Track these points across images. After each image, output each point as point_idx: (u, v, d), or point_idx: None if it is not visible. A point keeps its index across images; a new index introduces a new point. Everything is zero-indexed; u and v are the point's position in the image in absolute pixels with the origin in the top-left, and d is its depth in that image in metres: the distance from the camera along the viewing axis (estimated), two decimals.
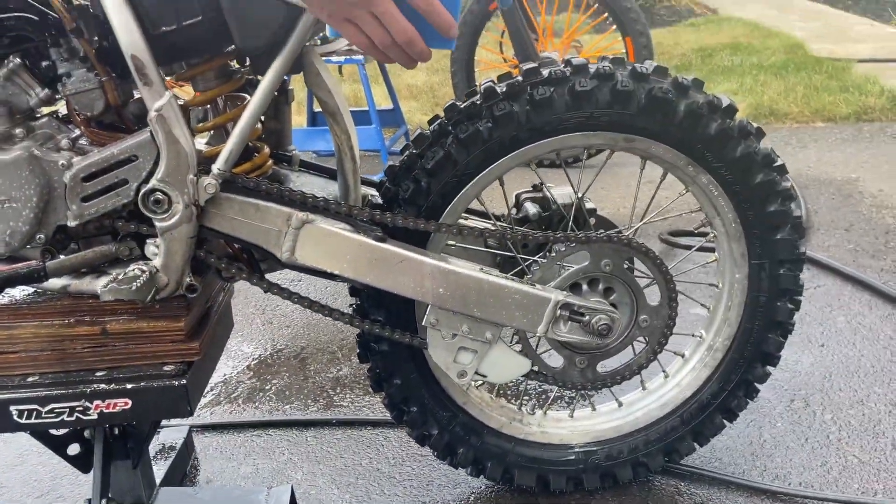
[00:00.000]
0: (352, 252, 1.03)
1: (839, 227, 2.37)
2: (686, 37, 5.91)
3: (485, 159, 1.12)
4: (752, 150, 1.13)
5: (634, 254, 1.17)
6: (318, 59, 1.05)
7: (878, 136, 3.30)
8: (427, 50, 0.86)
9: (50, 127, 0.96)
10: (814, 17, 6.81)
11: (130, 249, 0.98)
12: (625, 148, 1.16)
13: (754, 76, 4.27)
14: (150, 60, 0.90)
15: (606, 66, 1.10)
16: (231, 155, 0.97)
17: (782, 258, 1.20)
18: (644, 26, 3.00)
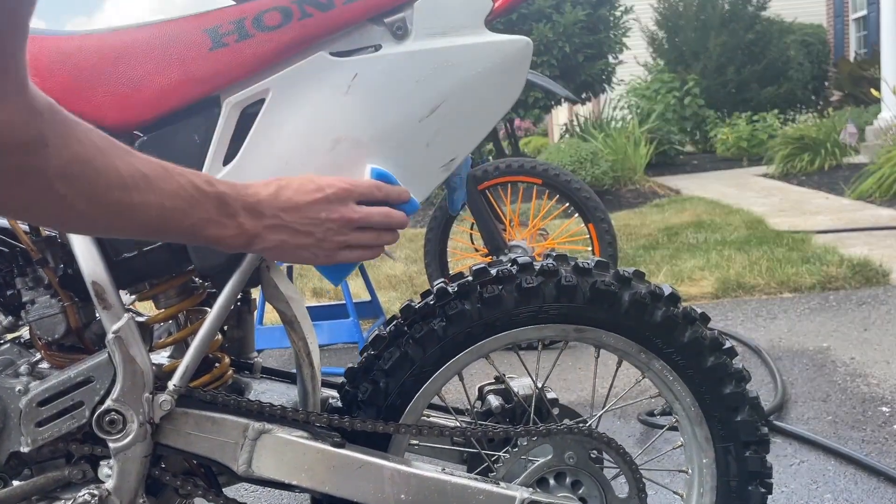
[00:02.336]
0: (309, 460, 1.02)
1: (816, 399, 2.37)
2: (652, 217, 6.20)
3: (441, 356, 1.14)
4: (699, 335, 1.17)
5: (597, 444, 1.17)
6: (275, 272, 1.10)
7: (845, 304, 3.39)
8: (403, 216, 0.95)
9: (11, 353, 0.99)
10: (771, 193, 7.22)
11: (83, 472, 0.97)
12: (577, 338, 1.19)
13: (719, 251, 4.44)
14: (111, 286, 0.95)
15: (550, 263, 1.16)
16: (188, 370, 0.99)
17: (746, 440, 1.20)
18: (604, 212, 3.17)
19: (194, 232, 0.79)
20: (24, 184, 0.61)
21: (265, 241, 0.86)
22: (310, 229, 0.87)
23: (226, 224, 0.81)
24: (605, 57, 9.66)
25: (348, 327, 3.12)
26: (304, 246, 0.88)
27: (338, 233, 0.89)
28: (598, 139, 8.66)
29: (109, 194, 0.67)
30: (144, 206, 0.71)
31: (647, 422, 2.24)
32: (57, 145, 0.61)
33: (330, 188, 0.88)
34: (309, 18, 0.96)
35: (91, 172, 0.65)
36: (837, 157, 8.19)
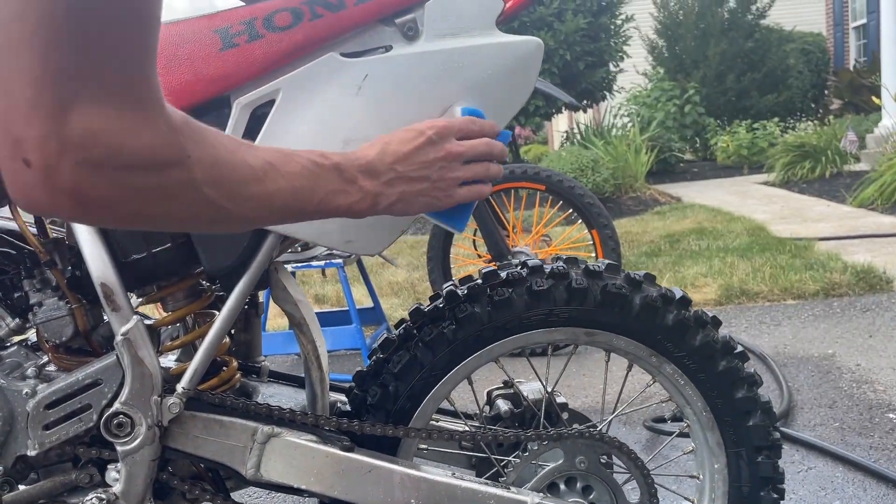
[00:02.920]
0: (318, 464, 1.01)
1: (822, 405, 2.36)
2: (653, 224, 6.20)
3: (451, 360, 1.14)
4: (711, 339, 1.16)
5: (608, 449, 1.16)
6: (284, 275, 1.10)
7: (849, 310, 3.38)
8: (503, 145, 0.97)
9: (18, 355, 0.98)
10: (772, 200, 7.21)
11: (91, 476, 0.96)
12: (587, 342, 1.18)
13: (722, 258, 4.43)
14: (119, 287, 0.94)
15: (561, 265, 1.15)
16: (196, 373, 0.98)
17: (759, 445, 1.19)
18: (607, 219, 3.16)
19: (324, 205, 0.80)
20: (179, 197, 0.63)
21: (388, 198, 0.86)
22: (424, 173, 0.88)
23: (349, 191, 0.82)
24: (605, 65, 9.69)
25: (351, 333, 3.11)
26: (424, 192, 0.89)
27: (450, 169, 0.90)
28: (599, 147, 8.67)
29: (249, 189, 0.70)
30: (279, 192, 0.74)
31: (654, 428, 2.23)
32: (199, 156, 0.64)
33: (430, 129, 0.89)
34: (319, 19, 0.95)
35: (230, 173, 0.68)
36: (838, 165, 8.19)
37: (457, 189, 0.92)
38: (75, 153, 0.56)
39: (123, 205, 0.60)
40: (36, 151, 0.55)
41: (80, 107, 0.55)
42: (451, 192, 0.92)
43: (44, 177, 0.56)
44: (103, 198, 0.58)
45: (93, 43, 0.55)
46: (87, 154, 0.56)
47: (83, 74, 0.55)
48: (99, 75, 0.55)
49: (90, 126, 0.56)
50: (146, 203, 0.62)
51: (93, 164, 0.57)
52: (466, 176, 0.92)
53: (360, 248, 1.01)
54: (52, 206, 0.58)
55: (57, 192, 0.57)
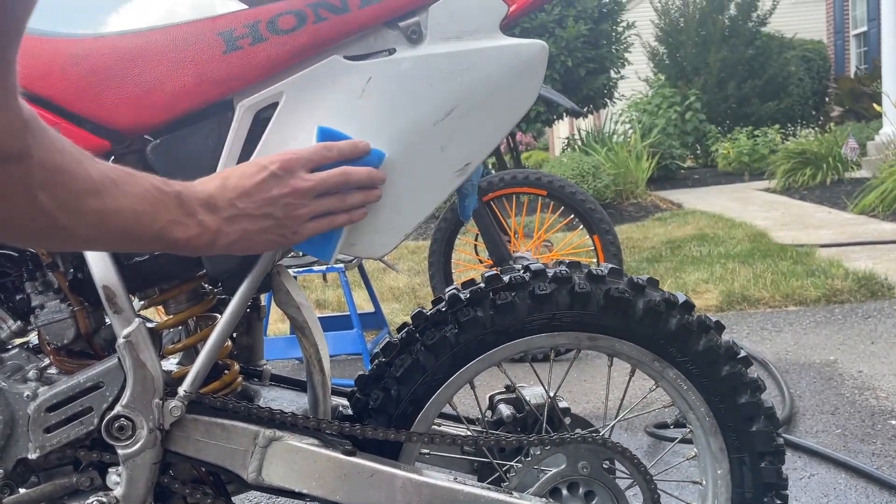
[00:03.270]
0: (320, 468, 1.01)
1: (825, 412, 2.35)
2: (654, 230, 6.20)
3: (453, 364, 1.13)
4: (714, 344, 1.16)
5: (611, 454, 1.16)
6: (286, 278, 1.09)
7: (850, 317, 3.37)
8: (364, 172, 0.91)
9: (19, 358, 0.98)
10: (773, 207, 7.21)
11: (91, 480, 0.96)
12: (590, 346, 1.18)
13: (723, 264, 4.43)
14: (122, 290, 0.94)
15: (563, 269, 1.15)
16: (198, 376, 0.97)
17: (762, 451, 1.18)
18: (609, 224, 3.16)
19: (163, 236, 0.76)
20: (7, 197, 0.59)
21: (228, 236, 0.82)
22: (267, 210, 0.84)
23: (188, 224, 0.78)
24: (606, 71, 9.70)
25: (352, 338, 3.11)
26: (267, 229, 0.85)
27: (296, 206, 0.85)
28: (600, 153, 8.67)
29: (87, 202, 0.66)
30: (118, 211, 0.70)
31: (655, 434, 2.22)
32: (40, 156, 0.60)
33: (272, 164, 0.85)
34: (323, 22, 0.95)
35: (70, 181, 0.63)
36: (839, 172, 8.19)
37: (305, 224, 0.87)
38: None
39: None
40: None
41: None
42: (298, 229, 0.87)
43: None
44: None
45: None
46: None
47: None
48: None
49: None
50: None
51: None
52: (317, 211, 0.88)
53: (363, 251, 1.00)
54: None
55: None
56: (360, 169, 0.91)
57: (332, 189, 0.88)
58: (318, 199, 0.88)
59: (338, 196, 0.89)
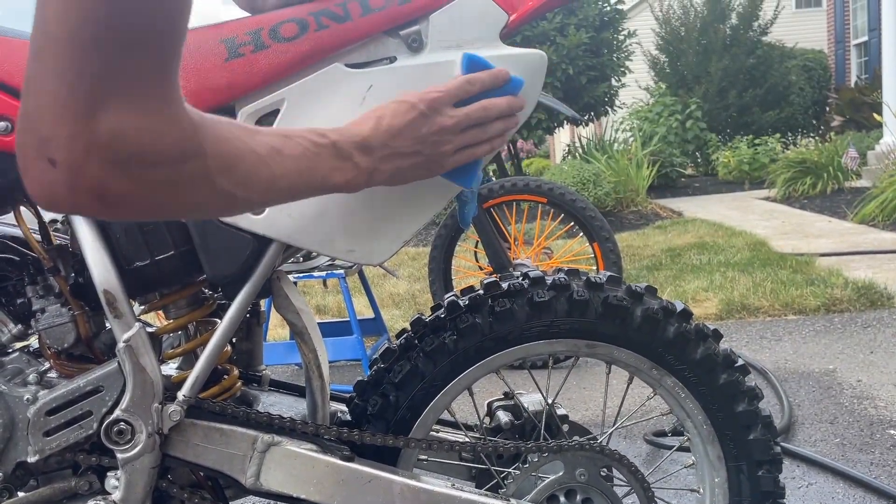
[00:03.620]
0: (318, 474, 1.01)
1: (823, 421, 2.36)
2: (654, 238, 6.20)
3: (452, 370, 1.13)
4: (711, 352, 1.16)
5: (609, 461, 1.16)
6: (286, 283, 1.10)
7: (850, 326, 3.38)
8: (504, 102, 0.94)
9: (20, 361, 0.98)
10: (773, 216, 7.22)
11: (90, 483, 0.96)
12: (588, 354, 1.18)
13: (723, 273, 4.43)
14: (122, 294, 0.94)
15: (562, 277, 1.15)
16: (198, 380, 0.98)
17: (759, 459, 1.18)
18: (609, 232, 3.17)
19: (325, 183, 0.81)
20: (195, 189, 0.65)
21: (382, 173, 0.86)
22: (417, 148, 0.88)
23: (346, 168, 0.82)
24: (607, 80, 9.73)
25: (352, 344, 3.11)
26: (417, 164, 0.89)
27: (442, 143, 0.89)
28: (601, 161, 8.69)
29: (258, 174, 0.71)
30: (285, 175, 0.75)
31: (654, 442, 2.23)
32: (213, 149, 0.65)
33: (422, 102, 0.88)
34: (325, 30, 0.96)
35: (240, 162, 0.69)
36: (839, 181, 8.20)
37: (452, 157, 0.91)
38: (101, 152, 0.57)
39: (143, 199, 0.62)
40: (62, 151, 0.56)
41: (110, 107, 0.56)
42: (443, 162, 0.91)
43: (68, 176, 0.56)
44: (124, 194, 0.60)
45: (128, 45, 0.55)
46: (112, 153, 0.57)
47: (115, 75, 0.56)
48: (130, 76, 0.56)
49: (118, 126, 0.56)
50: (164, 196, 0.63)
51: (117, 163, 0.58)
52: (461, 144, 0.91)
53: (363, 257, 1.01)
54: (73, 205, 0.59)
55: (81, 190, 0.58)
56: (500, 100, 0.94)
57: (475, 122, 0.92)
58: (461, 132, 0.91)
59: (480, 127, 0.93)
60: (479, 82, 0.93)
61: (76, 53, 0.54)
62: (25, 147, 0.57)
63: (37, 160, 0.57)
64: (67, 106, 0.55)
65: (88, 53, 0.54)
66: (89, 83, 0.55)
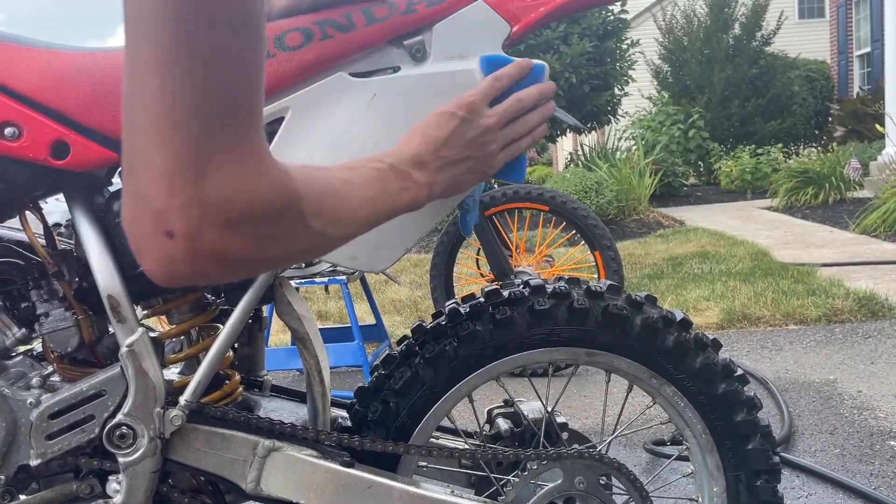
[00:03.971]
0: (318, 479, 1.02)
1: (823, 431, 2.35)
2: (656, 247, 6.21)
3: (452, 377, 1.14)
4: (711, 361, 1.17)
5: (608, 470, 1.16)
6: (288, 290, 1.11)
7: (850, 337, 3.38)
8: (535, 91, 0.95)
9: (23, 365, 0.99)
10: (775, 226, 7.22)
11: (91, 487, 0.97)
12: (588, 362, 1.19)
13: (724, 282, 4.44)
14: (126, 299, 0.95)
15: (563, 285, 1.16)
16: (199, 385, 0.98)
17: (758, 469, 1.19)
18: (611, 241, 3.17)
19: (394, 207, 0.82)
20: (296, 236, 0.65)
21: (440, 185, 0.87)
22: (466, 153, 0.89)
23: (408, 187, 0.83)
24: (610, 88, 9.75)
25: (353, 350, 3.11)
26: (470, 169, 0.90)
27: (489, 143, 0.91)
28: (603, 169, 8.70)
29: (342, 210, 0.72)
30: (361, 206, 0.76)
31: (654, 451, 2.22)
32: (305, 192, 0.65)
33: (460, 109, 0.89)
34: (329, 40, 0.97)
35: (326, 201, 0.69)
36: (841, 192, 8.21)
37: (500, 154, 0.93)
38: (214, 216, 0.57)
39: (257, 254, 0.62)
40: (180, 221, 0.56)
41: (215, 169, 0.56)
42: (492, 162, 0.92)
43: (188, 244, 0.56)
44: (239, 254, 0.60)
45: (223, 107, 0.56)
46: (225, 215, 0.57)
47: (216, 138, 0.56)
48: (228, 136, 0.57)
49: (225, 187, 0.57)
50: (274, 247, 0.63)
51: (231, 224, 0.58)
52: (506, 140, 0.93)
53: (365, 264, 1.02)
54: (194, 273, 0.59)
55: (201, 258, 0.58)
56: (530, 90, 0.95)
57: (513, 116, 0.93)
58: (503, 129, 0.93)
59: (519, 121, 0.94)
60: (505, 77, 0.94)
61: (179, 123, 0.55)
62: (142, 225, 0.57)
63: (154, 235, 0.56)
64: (177, 175, 0.55)
65: (190, 121, 0.55)
66: (194, 149, 0.55)
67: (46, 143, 0.90)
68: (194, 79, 0.54)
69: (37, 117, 0.90)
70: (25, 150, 0.90)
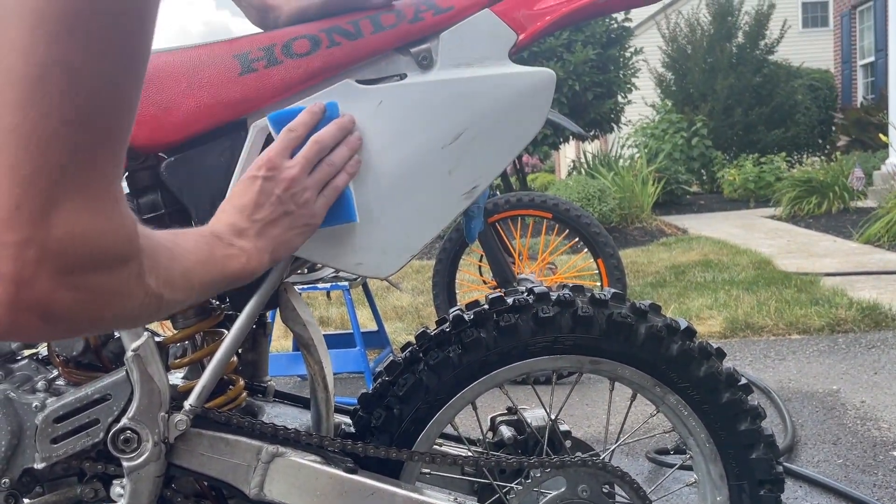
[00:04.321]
0: (321, 485, 1.02)
1: (826, 441, 2.35)
2: (659, 255, 6.20)
3: (456, 384, 1.14)
4: (715, 370, 1.17)
5: (611, 478, 1.16)
6: (293, 295, 1.11)
7: (854, 347, 3.37)
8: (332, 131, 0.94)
9: (29, 369, 0.99)
10: (779, 234, 7.21)
11: (95, 491, 0.97)
12: (592, 370, 1.19)
13: (727, 291, 4.43)
14: None
15: (567, 293, 1.16)
16: (204, 390, 0.99)
17: (761, 478, 1.19)
18: (614, 248, 3.17)
19: (226, 271, 0.80)
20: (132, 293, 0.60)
21: (266, 248, 0.86)
22: (281, 210, 0.87)
23: (235, 254, 0.82)
24: (614, 96, 9.76)
25: (355, 356, 3.11)
26: (291, 226, 0.88)
27: (300, 193, 0.89)
28: (606, 177, 8.70)
29: (173, 270, 0.67)
30: (192, 268, 0.72)
31: (657, 460, 2.22)
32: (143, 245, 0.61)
33: (259, 170, 0.88)
34: (337, 47, 0.98)
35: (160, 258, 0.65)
36: (845, 201, 8.20)
37: (318, 201, 0.91)
38: (53, 261, 0.50)
39: (84, 312, 0.55)
40: (11, 261, 0.49)
41: (63, 208, 0.50)
42: (313, 210, 0.90)
43: (13, 291, 0.50)
44: (67, 308, 0.53)
45: (87, 139, 0.50)
46: (63, 261, 0.51)
47: (73, 173, 0.50)
48: (87, 174, 0.51)
49: (70, 229, 0.51)
50: (105, 304, 0.57)
51: (66, 272, 0.51)
52: (318, 186, 0.91)
53: (370, 270, 1.02)
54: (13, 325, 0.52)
55: (23, 309, 0.51)
56: (327, 128, 0.93)
57: (316, 159, 0.91)
58: (311, 176, 0.91)
59: (325, 162, 0.92)
60: (300, 125, 0.92)
61: (34, 149, 0.48)
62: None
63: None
64: (21, 208, 0.48)
65: (47, 149, 0.48)
66: (45, 182, 0.49)
67: None
68: (61, 102, 0.48)
69: None
70: None
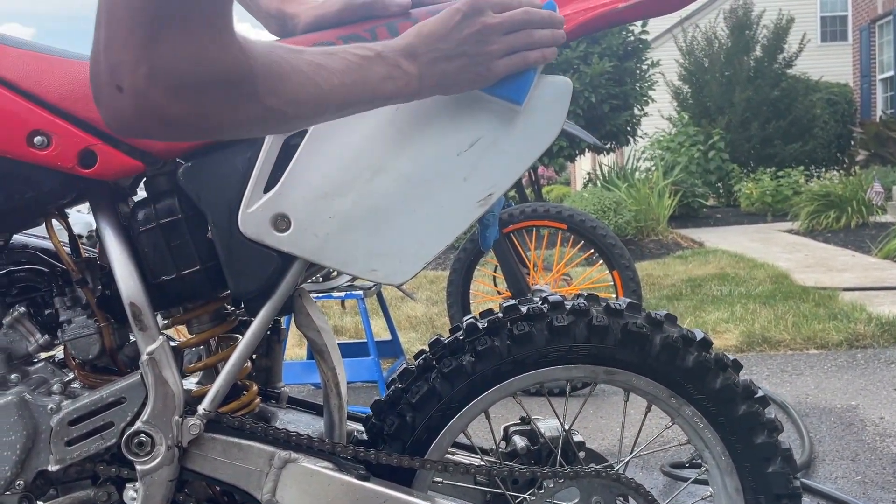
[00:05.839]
0: (334, 492, 1.01)
1: (845, 458, 2.32)
2: (675, 268, 6.16)
3: (469, 393, 1.14)
4: (731, 382, 1.15)
5: (625, 490, 1.15)
6: (308, 301, 1.11)
7: (872, 362, 3.33)
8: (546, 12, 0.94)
9: (45, 371, 1.00)
10: (796, 249, 7.15)
11: (108, 494, 0.97)
12: (606, 380, 1.18)
13: (744, 305, 4.39)
14: (147, 308, 0.96)
15: (581, 302, 1.16)
16: (218, 395, 0.99)
17: (778, 493, 1.17)
18: (629, 260, 3.15)
19: (377, 93, 0.83)
20: (246, 108, 0.70)
21: (430, 78, 0.87)
22: (462, 49, 0.88)
23: (394, 76, 0.84)
24: (630, 108, 9.74)
25: (368, 365, 3.11)
26: (464, 67, 0.89)
27: (487, 42, 0.89)
28: (622, 189, 8.68)
29: (305, 92, 0.75)
30: (333, 91, 0.78)
31: (671, 473, 2.20)
32: (261, 71, 0.70)
33: (464, 5, 0.89)
34: None
35: (287, 81, 0.73)
36: (864, 216, 8.12)
37: (497, 61, 0.91)
38: (162, 77, 0.62)
39: (201, 121, 0.67)
40: (128, 77, 0.61)
41: (168, 35, 0.61)
42: (491, 66, 0.90)
43: (134, 100, 0.62)
44: (184, 116, 0.65)
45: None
46: (171, 78, 0.62)
47: (176, 5, 0.61)
48: (189, 7, 0.62)
49: (175, 52, 0.61)
50: (220, 117, 0.68)
51: (176, 87, 0.63)
52: (507, 47, 0.90)
53: (385, 277, 1.02)
54: (142, 129, 0.66)
55: (146, 115, 0.63)
56: (541, 10, 0.93)
57: (518, 26, 0.91)
58: (507, 35, 0.91)
59: (525, 32, 0.92)
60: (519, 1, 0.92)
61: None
62: (98, 75, 0.62)
63: (107, 86, 0.62)
64: (133, 33, 0.60)
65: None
66: (153, 12, 0.60)
67: (75, 152, 0.92)
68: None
69: (66, 126, 0.92)
70: (54, 159, 0.92)
